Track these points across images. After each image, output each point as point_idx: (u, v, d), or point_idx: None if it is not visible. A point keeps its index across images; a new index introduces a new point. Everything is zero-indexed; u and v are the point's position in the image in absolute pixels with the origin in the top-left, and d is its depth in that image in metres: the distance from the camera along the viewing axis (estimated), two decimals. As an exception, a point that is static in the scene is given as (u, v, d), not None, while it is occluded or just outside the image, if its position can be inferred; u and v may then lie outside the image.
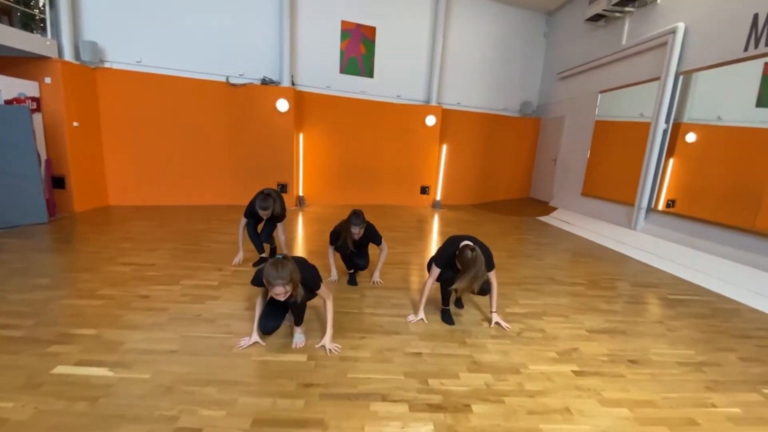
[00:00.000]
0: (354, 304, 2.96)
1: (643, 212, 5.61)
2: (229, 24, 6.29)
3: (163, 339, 2.29)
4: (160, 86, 6.00)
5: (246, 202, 3.59)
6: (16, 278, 3.08)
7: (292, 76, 6.71)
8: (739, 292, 3.75)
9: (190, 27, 6.10)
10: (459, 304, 3.03)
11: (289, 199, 6.85)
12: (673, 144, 5.34)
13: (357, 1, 6.96)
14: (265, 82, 6.49)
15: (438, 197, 8.16)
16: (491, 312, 2.72)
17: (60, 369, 1.96)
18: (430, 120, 7.63)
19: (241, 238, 3.64)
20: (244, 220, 3.57)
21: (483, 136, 8.38)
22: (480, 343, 2.48)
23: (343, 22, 6.94)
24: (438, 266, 2.63)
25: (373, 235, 3.24)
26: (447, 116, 7.87)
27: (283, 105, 6.45)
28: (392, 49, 7.36)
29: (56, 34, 5.31)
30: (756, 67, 4.21)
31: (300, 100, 6.83)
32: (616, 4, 5.90)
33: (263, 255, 3.76)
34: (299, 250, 4.45)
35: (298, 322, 2.33)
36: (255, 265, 3.70)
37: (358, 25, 7.04)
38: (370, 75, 7.34)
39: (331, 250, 3.33)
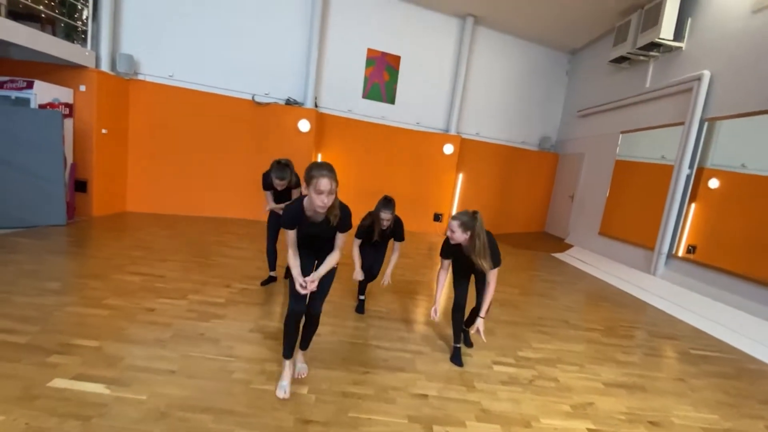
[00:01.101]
0: (359, 333, 2.87)
1: (663, 258, 5.43)
2: (260, 45, 6.52)
3: (164, 357, 2.24)
4: (188, 100, 6.19)
5: (260, 218, 3.58)
6: (26, 280, 3.09)
7: (316, 98, 6.86)
8: (767, 351, 3.54)
9: (223, 46, 6.34)
10: (468, 342, 2.92)
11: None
12: (695, 189, 5.21)
13: (384, 31, 7.16)
14: (289, 102, 6.64)
15: (451, 226, 8.07)
16: (479, 316, 2.52)
17: (57, 382, 1.91)
18: (448, 148, 7.65)
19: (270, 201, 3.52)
20: (268, 194, 3.51)
21: (500, 167, 8.35)
22: (490, 388, 2.36)
23: (369, 50, 7.13)
24: (446, 257, 2.60)
25: (398, 230, 3.16)
26: (465, 145, 7.89)
27: (304, 125, 6.57)
28: (415, 78, 7.49)
29: (95, 46, 5.56)
30: None
31: (321, 121, 6.95)
32: (640, 48, 5.92)
33: (272, 274, 3.72)
34: (308, 271, 4.39)
35: (305, 345, 2.25)
36: (263, 284, 3.66)
37: (384, 54, 7.22)
38: (392, 101, 7.46)
39: (356, 245, 3.12)
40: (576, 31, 7.46)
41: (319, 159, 7.08)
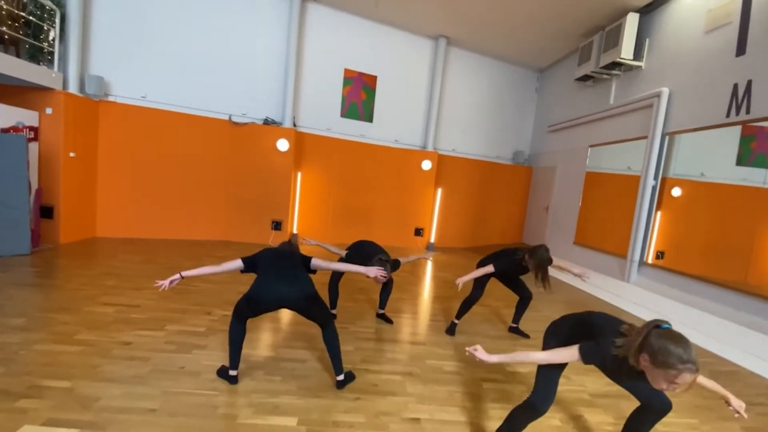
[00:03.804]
0: (348, 358, 2.81)
1: (635, 265, 5.65)
2: (236, 64, 6.50)
3: (143, 395, 2.13)
4: (162, 121, 6.06)
5: (239, 239, 3.49)
6: (-11, 317, 2.89)
7: (294, 118, 6.86)
8: (737, 353, 3.71)
9: (197, 66, 6.27)
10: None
11: (282, 236, 6.76)
12: (660, 197, 5.49)
13: (360, 51, 7.29)
14: (267, 122, 6.62)
15: (432, 239, 8.16)
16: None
17: (27, 429, 1.78)
18: (426, 164, 7.79)
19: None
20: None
21: (477, 181, 8.55)
22: (481, 407, 2.36)
23: (346, 70, 7.23)
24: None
25: None
26: (442, 161, 8.05)
27: (283, 145, 6.55)
28: (392, 97, 7.64)
29: (63, 67, 5.39)
30: (735, 128, 4.43)
31: (300, 140, 6.94)
32: (603, 67, 6.27)
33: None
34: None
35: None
36: None
37: (361, 74, 7.33)
38: (370, 120, 7.55)
39: None
40: (542, 51, 7.83)
41: (299, 178, 7.05)
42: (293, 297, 2.25)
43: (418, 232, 8.02)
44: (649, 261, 5.54)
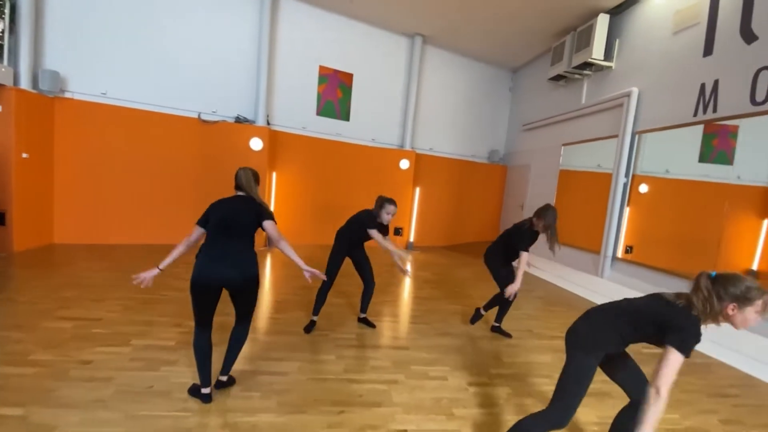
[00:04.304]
0: (329, 368, 2.71)
1: (609, 260, 5.80)
2: (205, 60, 6.21)
3: (106, 420, 1.94)
4: (125, 120, 5.71)
5: None
6: (-73, 339, 2.60)
7: (268, 116, 6.64)
8: (707, 345, 3.83)
9: (163, 60, 5.94)
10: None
11: (257, 239, 6.53)
12: (629, 194, 5.66)
13: (335, 48, 7.13)
14: (239, 120, 6.36)
15: (411, 239, 8.12)
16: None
17: (-33, 469, 1.58)
18: (404, 163, 7.73)
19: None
20: (375, 232, 3.20)
21: (454, 180, 8.58)
22: (468, 413, 2.30)
23: (321, 67, 7.06)
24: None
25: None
26: (420, 160, 8.02)
27: (256, 144, 6.32)
28: (368, 95, 7.53)
29: (13, 61, 4.98)
30: (698, 127, 4.59)
31: (275, 139, 6.72)
32: (575, 68, 6.39)
33: (314, 319, 3.35)
34: (266, 296, 4.15)
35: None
36: (307, 330, 3.26)
37: (336, 71, 7.18)
38: (346, 118, 7.42)
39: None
40: (515, 50, 7.92)
41: (274, 178, 6.83)
42: (235, 279, 2.13)
43: (398, 231, 7.96)
44: (619, 255, 5.70)
